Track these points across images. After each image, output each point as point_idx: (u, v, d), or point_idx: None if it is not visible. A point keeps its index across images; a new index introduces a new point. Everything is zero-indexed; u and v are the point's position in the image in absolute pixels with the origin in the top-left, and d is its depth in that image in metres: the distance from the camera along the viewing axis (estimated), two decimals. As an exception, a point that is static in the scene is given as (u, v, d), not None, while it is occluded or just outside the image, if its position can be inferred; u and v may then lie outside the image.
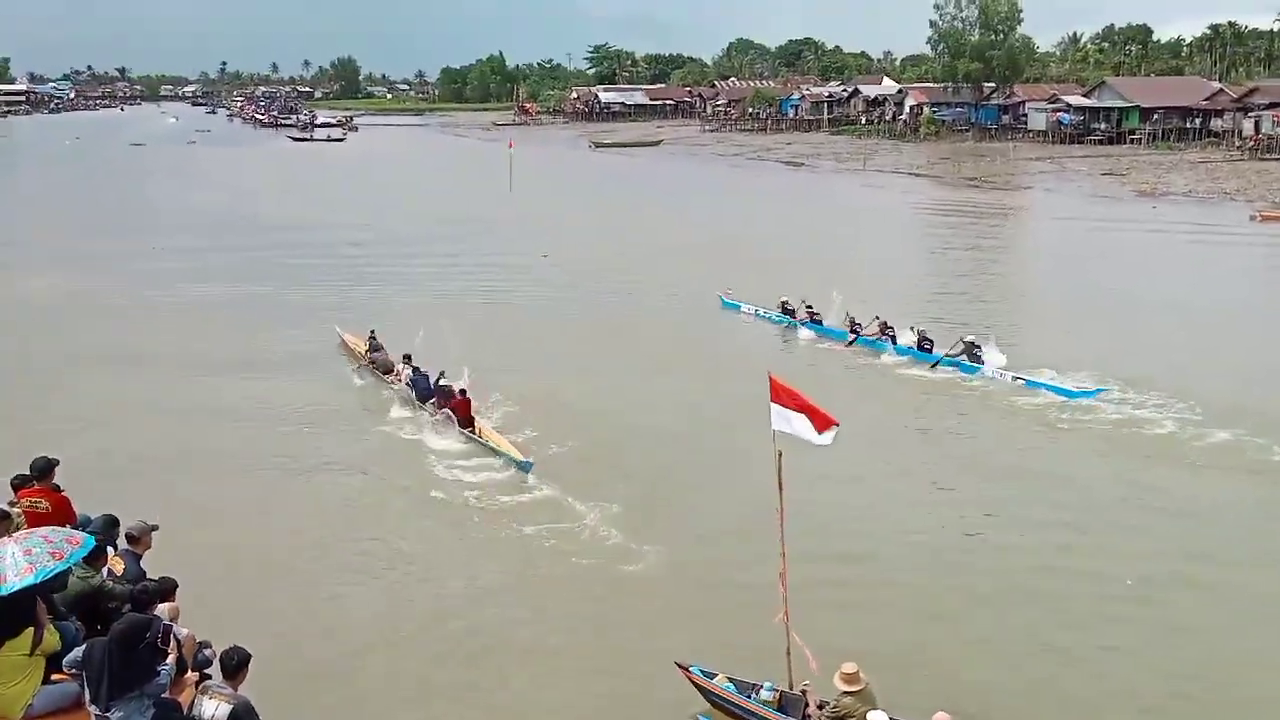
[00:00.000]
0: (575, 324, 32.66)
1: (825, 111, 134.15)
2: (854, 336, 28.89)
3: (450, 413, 21.20)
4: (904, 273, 41.96)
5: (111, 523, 10.81)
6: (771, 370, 11.99)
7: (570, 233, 48.72)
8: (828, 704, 10.84)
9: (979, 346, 26.29)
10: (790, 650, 11.61)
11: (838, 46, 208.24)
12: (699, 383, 25.65)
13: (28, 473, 11.62)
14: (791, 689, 11.72)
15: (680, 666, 12.28)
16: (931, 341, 27.29)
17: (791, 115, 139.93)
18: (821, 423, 11.31)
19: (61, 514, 11.22)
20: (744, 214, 60.71)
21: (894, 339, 28.08)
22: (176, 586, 9.96)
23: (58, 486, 11.60)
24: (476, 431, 20.85)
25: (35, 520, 10.81)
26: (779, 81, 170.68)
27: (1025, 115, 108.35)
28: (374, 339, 26.03)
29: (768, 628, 11.85)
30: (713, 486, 19.01)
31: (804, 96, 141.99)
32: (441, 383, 22.35)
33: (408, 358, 24.30)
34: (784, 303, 32.01)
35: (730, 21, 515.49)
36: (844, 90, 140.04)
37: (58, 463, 11.72)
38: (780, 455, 11.61)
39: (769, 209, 63.32)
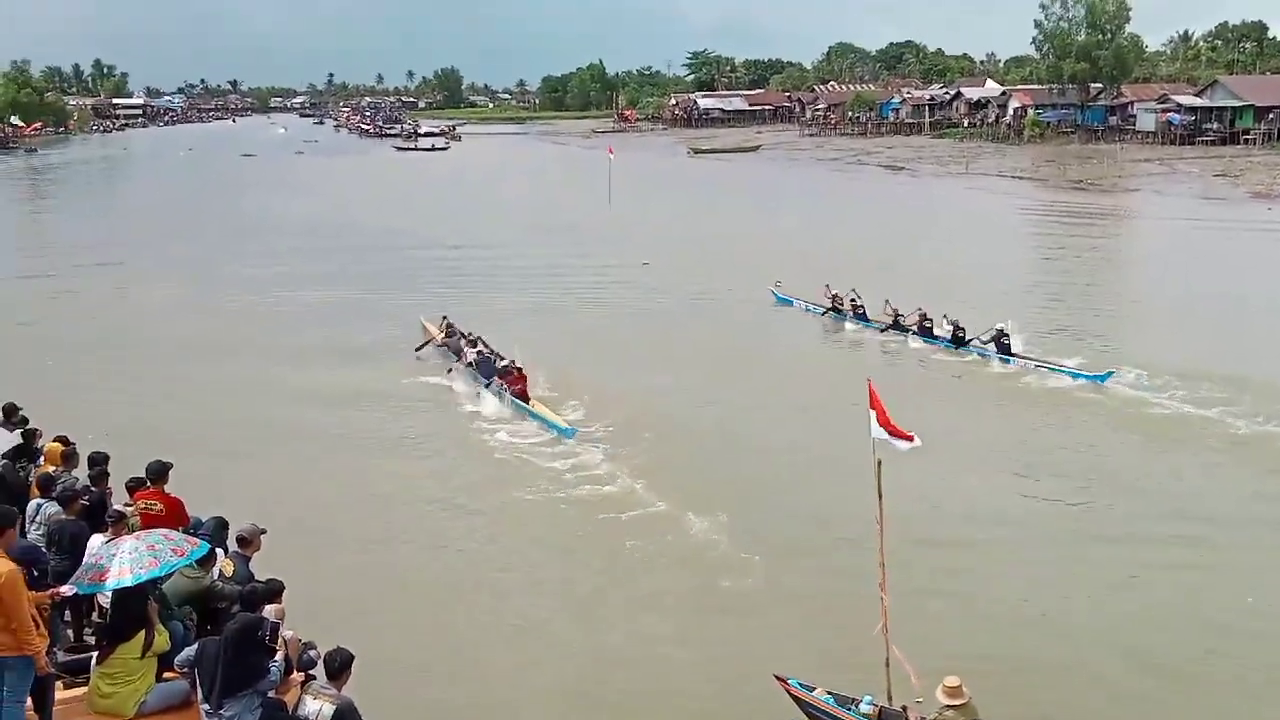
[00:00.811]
0: (673, 331, 32.75)
1: (926, 115, 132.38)
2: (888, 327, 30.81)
3: (505, 386, 23.69)
4: (1006, 278, 41.24)
5: (222, 525, 11.10)
6: (871, 378, 11.89)
7: (668, 240, 48.77)
8: (928, 719, 10.70)
9: (1007, 335, 27.53)
10: (889, 663, 11.47)
11: (940, 49, 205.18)
12: (790, 391, 25.54)
13: (142, 475, 12.03)
14: (890, 703, 11.58)
15: (778, 679, 12.20)
16: (964, 330, 28.65)
17: (892, 119, 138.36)
18: (898, 434, 11.33)
19: (175, 516, 11.56)
20: (843, 219, 60.29)
21: (931, 330, 29.50)
22: (283, 588, 10.17)
23: (168, 490, 11.98)
24: (530, 403, 23.18)
25: (150, 522, 11.15)
26: (879, 85, 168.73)
27: (1133, 116, 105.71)
28: (449, 325, 28.82)
29: (867, 640, 11.71)
30: (810, 494, 18.90)
31: (905, 100, 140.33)
32: (501, 363, 24.67)
33: (474, 341, 26.72)
34: (834, 296, 33.25)
35: (828, 26, 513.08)
36: (946, 93, 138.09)
37: (171, 465, 12.07)
38: (880, 463, 11.50)
39: (869, 214, 62.82)
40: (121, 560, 8.84)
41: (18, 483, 12.78)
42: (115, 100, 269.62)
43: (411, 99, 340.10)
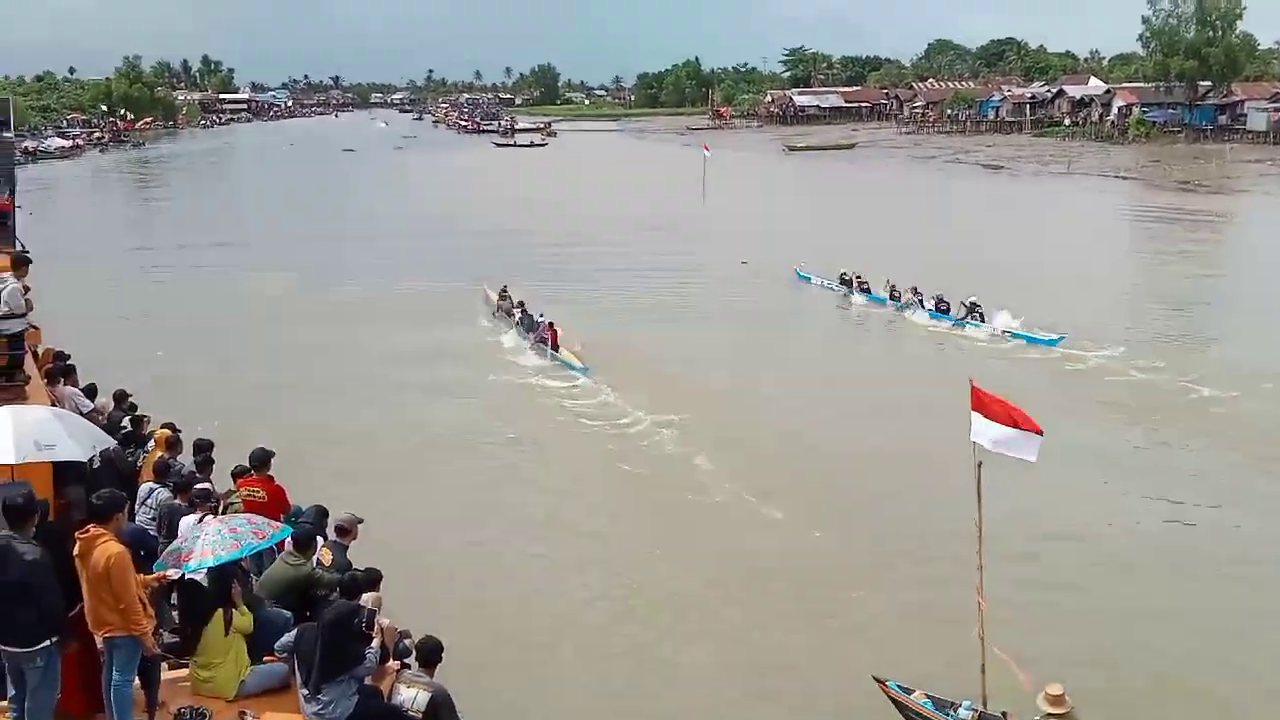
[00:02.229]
0: (772, 334, 32.82)
1: (1027, 113, 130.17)
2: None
3: (544, 338, 28.67)
4: (1107, 280, 40.44)
5: (322, 514, 11.32)
6: (972, 377, 11.72)
7: (764, 237, 48.57)
8: (1028, 727, 10.55)
9: (979, 306, 31.37)
10: (985, 668, 11.32)
11: (1041, 46, 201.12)
12: (888, 393, 25.36)
13: (246, 463, 12.33)
14: (988, 708, 11.43)
15: (877, 680, 12.11)
16: (948, 304, 32.34)
17: (992, 117, 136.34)
18: (1026, 424, 11.04)
19: (277, 504, 11.82)
20: (939, 218, 59.47)
21: (922, 303, 33.21)
22: (381, 578, 10.33)
23: (271, 477, 12.27)
24: (561, 351, 28.00)
25: (252, 509, 11.41)
26: (979, 82, 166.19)
27: (1244, 115, 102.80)
28: (505, 292, 33.36)
29: (965, 643, 11.57)
30: (908, 496, 18.72)
31: (1005, 98, 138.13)
32: (539, 318, 29.70)
33: (521, 304, 31.77)
34: (842, 274, 37.39)
35: (927, 22, 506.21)
36: (1048, 91, 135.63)
37: (273, 454, 12.35)
38: (980, 466, 11.36)
39: (965, 213, 61.88)
40: (205, 542, 9.12)
41: (126, 467, 13.20)
42: (222, 95, 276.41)
43: (508, 96, 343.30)
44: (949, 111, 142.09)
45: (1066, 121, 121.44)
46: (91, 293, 37.59)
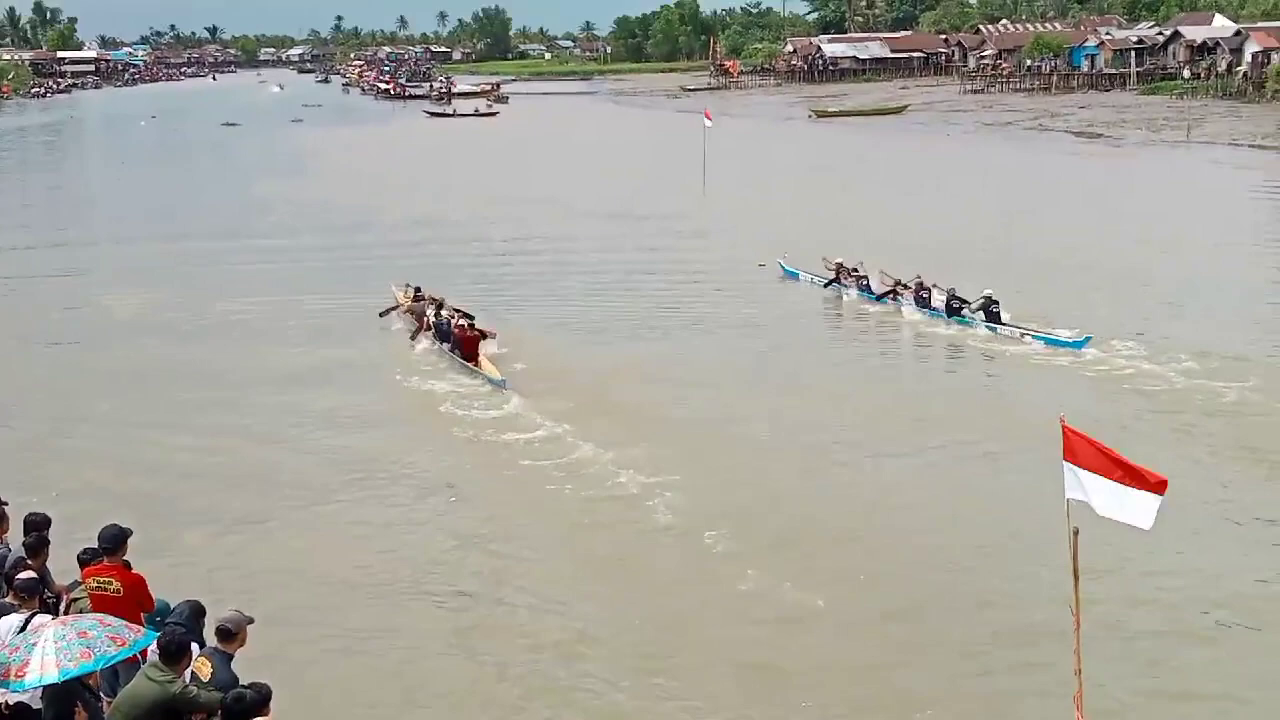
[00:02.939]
0: (792, 349, 33.09)
1: (1132, 63, 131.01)
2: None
3: (457, 345, 30.35)
4: (1244, 282, 40.59)
5: (198, 612, 11.27)
6: (1064, 416, 11.74)
7: (783, 235, 48.61)
8: None
9: (996, 303, 33.57)
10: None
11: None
12: (950, 435, 25.38)
13: (96, 545, 12.26)
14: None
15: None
16: (962, 301, 34.51)
17: (1085, 69, 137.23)
18: (1141, 484, 11.03)
19: (136, 598, 11.79)
20: (1019, 205, 59.63)
21: (929, 301, 35.81)
22: (270, 695, 10.28)
23: (128, 564, 12.22)
24: (477, 363, 29.69)
25: (103, 605, 11.39)
26: (1068, 24, 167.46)
27: None
28: (418, 292, 35.04)
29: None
30: (973, 574, 18.68)
31: (1102, 44, 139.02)
32: (456, 324, 30.88)
33: (438, 305, 33.21)
34: (838, 265, 39.88)
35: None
36: (1159, 34, 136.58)
37: (130, 533, 12.30)
38: (1076, 533, 11.38)
39: (1055, 197, 62.05)
40: (44, 651, 9.00)
41: (-62, 554, 13.15)
42: (61, 54, 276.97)
43: (443, 49, 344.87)
44: (1028, 63, 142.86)
45: (1185, 74, 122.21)
46: None
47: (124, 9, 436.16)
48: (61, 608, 12.20)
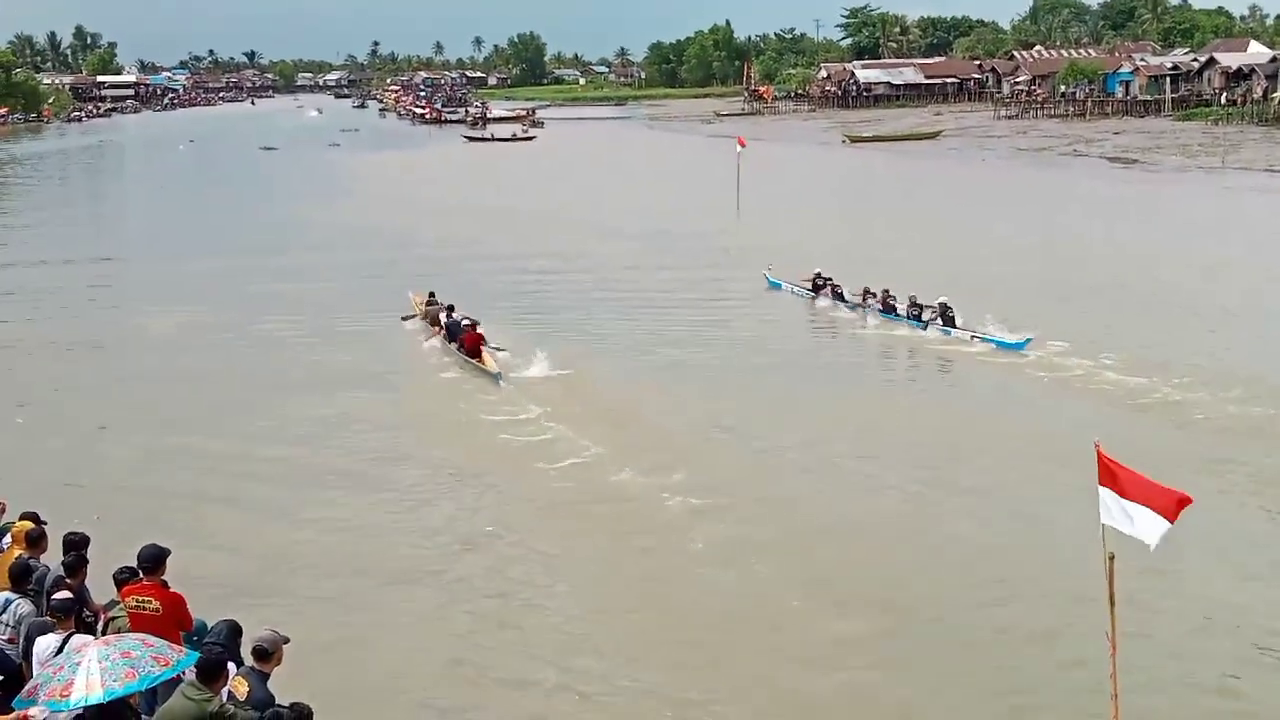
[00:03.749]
0: (809, 376, 33.05)
1: (1167, 89, 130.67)
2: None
3: (461, 343, 33.37)
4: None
5: (235, 632, 11.28)
6: (1099, 442, 11.67)
7: (816, 259, 48.56)
8: None
9: (950, 309, 36.10)
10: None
11: (1185, 1, 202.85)
12: (971, 465, 25.28)
13: (134, 564, 12.30)
14: None
15: None
16: (920, 308, 37.04)
17: (1120, 95, 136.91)
18: (1166, 506, 10.99)
19: (174, 617, 11.80)
20: (1055, 233, 59.38)
21: (894, 309, 38.14)
22: (310, 715, 10.29)
23: (166, 583, 12.25)
24: (480, 359, 32.35)
25: (141, 624, 11.40)
26: (1103, 50, 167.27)
27: None
28: (432, 297, 38.02)
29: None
30: (999, 604, 18.54)
31: (1137, 70, 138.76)
32: (464, 323, 33.89)
33: (449, 309, 35.81)
34: (816, 275, 42.51)
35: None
36: (1194, 60, 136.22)
37: (169, 552, 12.32)
38: (1112, 559, 11.31)
39: (1091, 225, 61.76)
40: (89, 671, 8.96)
41: (-26, 571, 13.20)
42: (101, 78, 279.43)
43: (479, 74, 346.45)
44: (1063, 89, 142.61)
45: (1221, 99, 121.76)
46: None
47: (163, 34, 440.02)
48: (99, 627, 12.24)
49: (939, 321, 36.29)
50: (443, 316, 35.84)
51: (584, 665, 16.74)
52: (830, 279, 41.93)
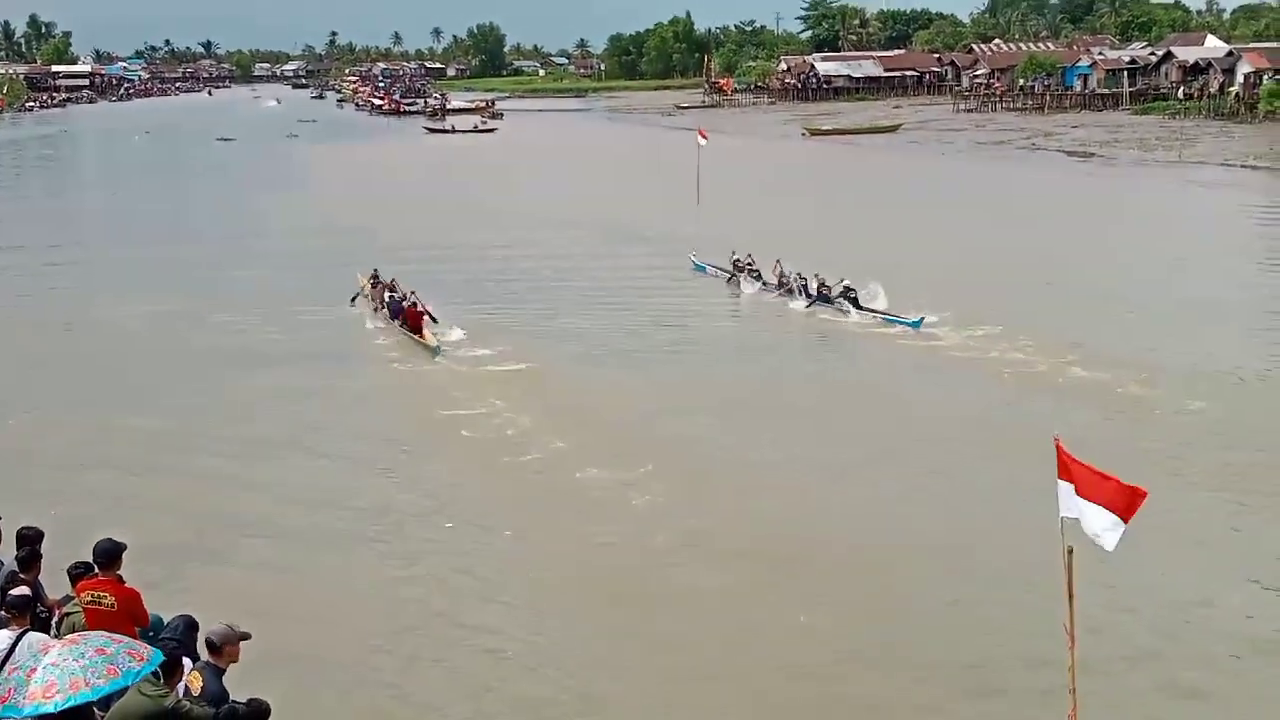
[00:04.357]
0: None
1: (1125, 83, 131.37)
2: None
3: (404, 321, 35.42)
4: (1245, 314, 40.59)
5: (190, 626, 11.19)
6: (1058, 437, 11.70)
7: (775, 250, 48.70)
8: None
9: (854, 290, 38.54)
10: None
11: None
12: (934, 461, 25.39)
13: (90, 559, 12.20)
14: None
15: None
16: (828, 288, 39.43)
17: (1079, 89, 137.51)
18: (1122, 502, 11.06)
19: (130, 612, 11.72)
20: (1010, 228, 59.54)
21: (805, 290, 40.47)
22: (269, 711, 10.21)
23: (121, 578, 12.15)
24: (421, 335, 34.32)
25: (97, 620, 11.30)
26: (1061, 44, 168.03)
27: None
28: (375, 275, 40.31)
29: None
30: (952, 596, 18.59)
31: (1095, 64, 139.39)
32: (405, 302, 36.05)
33: (390, 286, 38.20)
34: (735, 260, 44.72)
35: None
36: (1151, 54, 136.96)
37: (124, 547, 12.24)
38: (1070, 552, 11.36)
39: (1050, 220, 61.97)
40: (67, 669, 8.81)
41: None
42: (56, 68, 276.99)
43: (438, 65, 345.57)
44: (1021, 82, 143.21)
45: (1178, 94, 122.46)
46: None
47: (119, 23, 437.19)
48: (54, 622, 12.14)
49: (842, 302, 38.55)
50: (384, 294, 38.13)
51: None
52: (751, 262, 44.07)
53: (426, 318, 35.38)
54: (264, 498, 22.95)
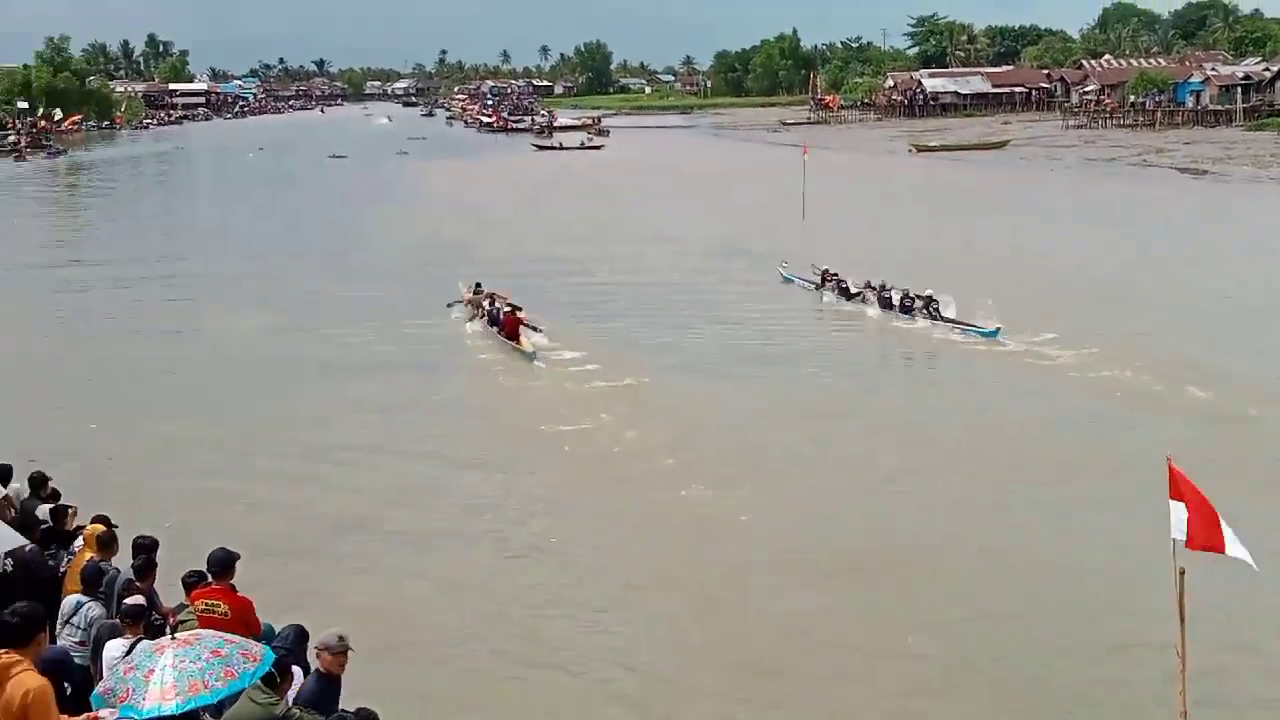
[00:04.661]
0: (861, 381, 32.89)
1: (1239, 99, 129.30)
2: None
3: (501, 327, 37.14)
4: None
5: (301, 636, 11.30)
6: (1171, 457, 11.57)
7: (882, 267, 48.38)
8: None
9: (936, 301, 39.39)
10: None
11: (1257, 10, 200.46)
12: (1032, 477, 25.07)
13: (204, 568, 12.39)
14: None
15: None
16: (912, 299, 40.21)
17: (1190, 105, 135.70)
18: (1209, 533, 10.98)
19: (242, 621, 11.85)
20: (1122, 245, 58.66)
21: (888, 301, 41.30)
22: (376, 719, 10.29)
23: (234, 587, 12.33)
24: (518, 341, 36.02)
25: (211, 628, 11.44)
26: (1173, 59, 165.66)
27: None
28: (478, 286, 41.63)
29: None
30: (1056, 616, 18.35)
31: (1208, 79, 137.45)
32: (504, 309, 37.65)
33: (491, 297, 39.56)
34: (824, 271, 45.68)
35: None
36: (1266, 69, 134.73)
37: (238, 556, 12.41)
38: (1182, 574, 11.21)
39: (1162, 237, 61.06)
40: (185, 671, 8.86)
41: (46, 573, 13.32)
42: (173, 86, 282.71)
43: (545, 83, 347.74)
44: (1132, 98, 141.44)
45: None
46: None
47: (234, 43, 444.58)
48: (168, 631, 12.33)
49: (924, 312, 39.55)
50: (486, 304, 39.69)
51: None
52: (837, 274, 44.99)
53: (524, 326, 36.86)
54: (378, 504, 23.21)
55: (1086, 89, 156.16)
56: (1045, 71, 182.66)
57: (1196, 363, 31.98)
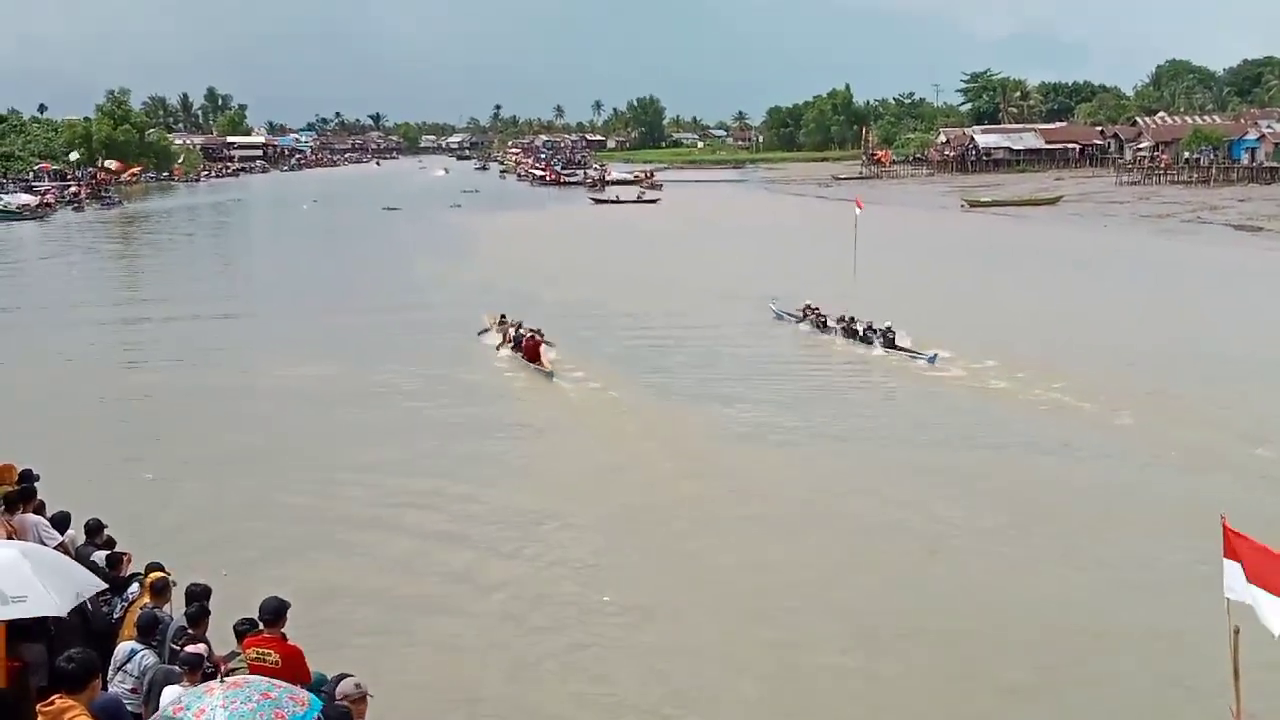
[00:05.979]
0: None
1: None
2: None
3: (524, 350, 41.60)
4: None
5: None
6: (1225, 515, 11.47)
7: (935, 323, 48.33)
8: None
9: (893, 332, 43.84)
10: None
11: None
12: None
13: (255, 616, 12.44)
14: None
15: None
16: (872, 332, 44.69)
17: (1246, 162, 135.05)
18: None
19: (292, 670, 11.88)
20: (1177, 304, 58.44)
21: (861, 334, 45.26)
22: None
23: (285, 635, 12.37)
24: (539, 362, 40.45)
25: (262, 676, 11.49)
26: (1228, 117, 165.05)
27: None
28: (503, 317, 46.43)
29: None
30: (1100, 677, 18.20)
31: (1264, 136, 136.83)
32: (525, 334, 42.34)
33: (517, 325, 44.32)
34: (806, 306, 50.20)
35: (1158, 39, 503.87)
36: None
37: (289, 605, 12.48)
38: (1237, 633, 11.10)
39: (1217, 294, 60.71)
40: (237, 713, 8.82)
41: (100, 620, 13.41)
42: (231, 139, 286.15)
43: (598, 137, 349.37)
44: (1186, 155, 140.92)
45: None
46: (51, 385, 39.32)
47: (291, 96, 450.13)
48: (219, 679, 12.36)
49: (881, 341, 43.92)
50: (511, 331, 44.43)
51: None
52: (817, 309, 49.48)
53: (543, 346, 41.38)
54: (426, 554, 23.37)
55: (1140, 146, 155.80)
56: (1099, 128, 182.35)
57: (1266, 421, 31.98)
